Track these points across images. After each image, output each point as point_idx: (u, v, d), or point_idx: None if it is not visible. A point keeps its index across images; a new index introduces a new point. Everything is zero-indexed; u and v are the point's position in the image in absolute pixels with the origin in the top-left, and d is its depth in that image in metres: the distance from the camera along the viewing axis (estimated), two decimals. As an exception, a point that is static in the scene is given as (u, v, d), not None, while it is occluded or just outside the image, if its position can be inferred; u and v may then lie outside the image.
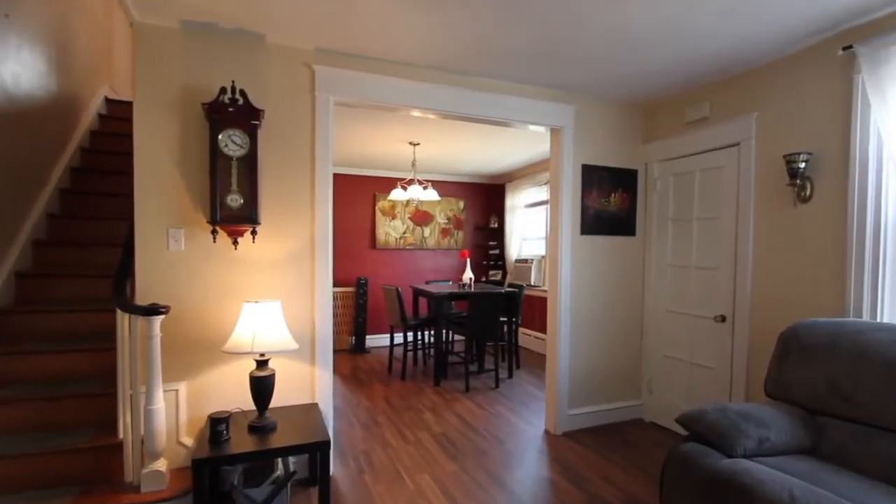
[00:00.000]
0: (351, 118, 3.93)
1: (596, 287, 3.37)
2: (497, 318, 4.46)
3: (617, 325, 3.46)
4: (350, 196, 6.29)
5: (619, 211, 3.42)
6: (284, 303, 2.46)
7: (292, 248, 2.48)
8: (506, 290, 4.72)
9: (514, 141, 4.71)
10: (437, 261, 6.79)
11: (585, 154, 3.31)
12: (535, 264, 6.08)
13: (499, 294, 4.40)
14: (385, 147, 4.94)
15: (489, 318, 4.42)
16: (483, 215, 7.10)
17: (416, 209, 6.60)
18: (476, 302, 4.33)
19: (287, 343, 2.12)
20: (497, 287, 5.25)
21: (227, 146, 2.27)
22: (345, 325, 6.25)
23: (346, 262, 6.29)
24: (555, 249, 3.29)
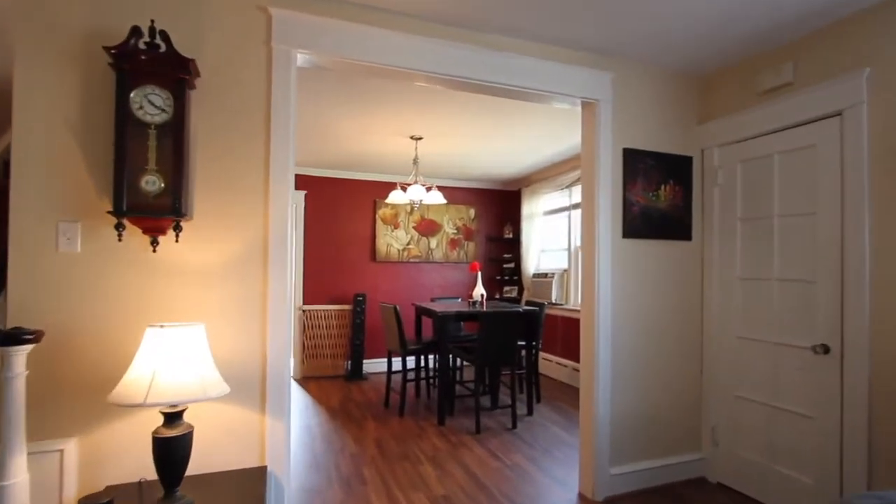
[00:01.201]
0: (339, 103, 3.30)
1: (642, 305, 2.63)
2: (513, 342, 3.72)
3: (670, 356, 2.70)
4: (346, 202, 5.66)
5: (670, 208, 2.70)
6: (221, 326, 1.77)
7: (236, 251, 1.81)
8: (523, 309, 3.98)
9: (533, 133, 4.03)
10: (444, 275, 6.08)
11: (627, 135, 2.61)
12: (557, 279, 5.34)
13: (515, 314, 3.66)
14: (383, 143, 4.30)
15: (504, 343, 3.68)
16: (496, 224, 6.40)
17: (421, 218, 5.94)
18: (488, 323, 3.60)
19: (210, 386, 1.42)
20: (513, 305, 4.51)
21: (141, 108, 1.63)
22: (339, 347, 5.55)
23: (342, 276, 5.62)
24: (590, 258, 2.57)
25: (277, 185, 1.85)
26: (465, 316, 3.92)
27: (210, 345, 1.73)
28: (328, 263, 5.55)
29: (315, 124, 3.77)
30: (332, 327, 5.52)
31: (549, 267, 5.73)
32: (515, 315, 3.66)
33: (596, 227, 2.52)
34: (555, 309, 5.32)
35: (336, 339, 5.53)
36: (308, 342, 5.42)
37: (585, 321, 2.60)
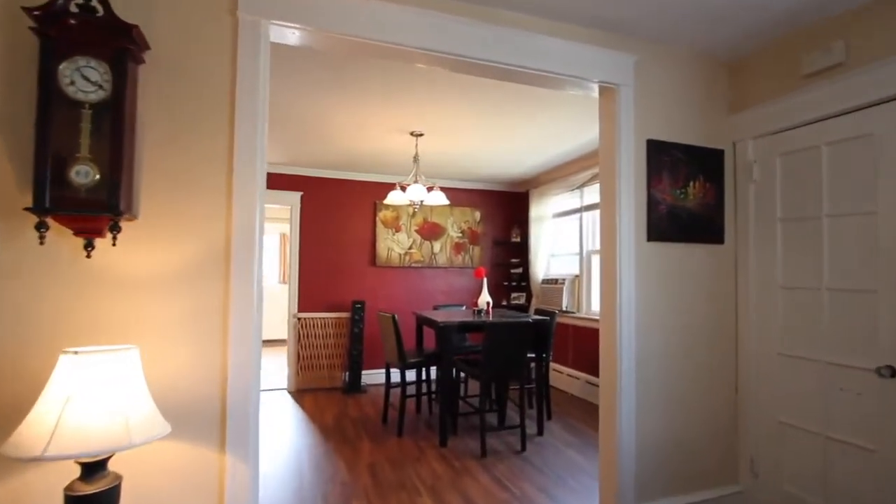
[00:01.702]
0: (332, 94, 3.03)
1: (670, 318, 2.31)
2: (522, 355, 3.40)
3: (702, 374, 2.37)
4: (345, 204, 5.38)
5: (699, 207, 2.38)
6: (170, 347, 1.47)
7: (191, 258, 1.52)
8: (533, 319, 3.66)
9: (542, 129, 3.73)
10: (448, 281, 5.78)
11: (650, 125, 2.30)
12: (568, 285, 5.02)
13: (524, 324, 3.35)
14: (382, 140, 4.02)
15: (511, 356, 3.36)
16: (503, 228, 6.10)
17: (423, 221, 5.65)
18: (494, 335, 3.29)
19: (139, 428, 1.13)
20: (521, 315, 4.19)
21: (73, 84, 1.35)
22: (337, 358, 5.25)
23: (340, 281, 5.34)
24: (610, 264, 2.26)
25: (243, 182, 1.57)
26: (470, 327, 3.61)
27: (153, 371, 1.43)
28: (325, 268, 5.27)
29: (306, 119, 3.50)
30: (329, 336, 5.23)
31: (560, 272, 5.41)
32: (524, 325, 3.34)
33: (617, 229, 2.21)
34: (566, 317, 5.00)
35: (333, 348, 5.24)
36: (303, 352, 5.14)
37: (605, 335, 2.28)
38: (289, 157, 4.67)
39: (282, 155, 4.59)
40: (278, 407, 4.45)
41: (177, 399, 1.46)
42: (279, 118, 3.45)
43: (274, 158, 4.75)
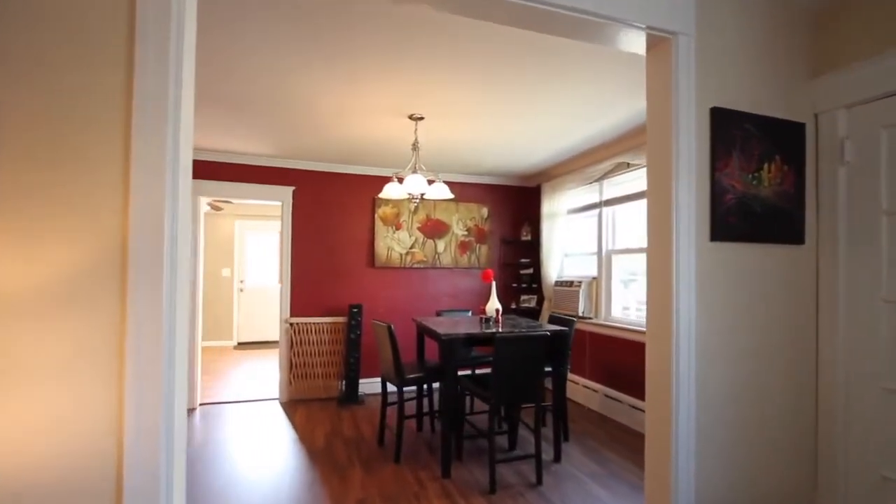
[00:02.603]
0: (316, 68, 2.53)
1: (738, 339, 1.79)
2: (538, 374, 2.90)
3: (780, 414, 1.85)
4: (341, 200, 4.90)
5: (776, 196, 1.86)
6: (21, 398, 0.99)
7: (64, 266, 1.03)
8: (551, 331, 3.16)
9: (558, 111, 3.21)
10: (453, 283, 5.28)
11: (716, 89, 1.78)
12: (584, 288, 4.50)
13: (541, 339, 2.84)
14: (377, 125, 3.53)
15: (526, 376, 2.86)
16: (512, 225, 5.58)
17: (426, 218, 5.15)
18: (505, 351, 2.79)
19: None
20: (533, 322, 3.69)
21: None
22: (332, 366, 4.78)
23: (336, 284, 4.86)
24: (662, 271, 1.75)
25: (146, 153, 1.07)
26: (477, 339, 3.11)
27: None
28: (320, 269, 4.80)
29: (293, 104, 3.01)
30: (324, 343, 4.76)
31: (575, 274, 4.89)
32: (541, 339, 2.84)
33: (672, 225, 1.70)
34: (582, 323, 4.49)
35: (328, 356, 4.77)
36: (296, 360, 4.67)
37: (655, 361, 1.78)
38: (278, 148, 4.20)
39: (270, 146, 4.11)
40: (266, 422, 3.99)
41: (26, 479, 0.97)
42: (263, 104, 2.97)
43: (262, 150, 4.28)
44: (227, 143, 4.12)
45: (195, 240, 4.43)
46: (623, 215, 4.23)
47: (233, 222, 7.59)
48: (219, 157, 4.45)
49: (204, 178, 4.43)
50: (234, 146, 4.20)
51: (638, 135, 3.69)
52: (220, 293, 7.50)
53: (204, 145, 4.18)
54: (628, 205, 4.08)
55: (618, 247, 4.29)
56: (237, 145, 4.17)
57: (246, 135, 3.83)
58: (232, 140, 4.00)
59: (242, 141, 4.02)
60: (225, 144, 4.15)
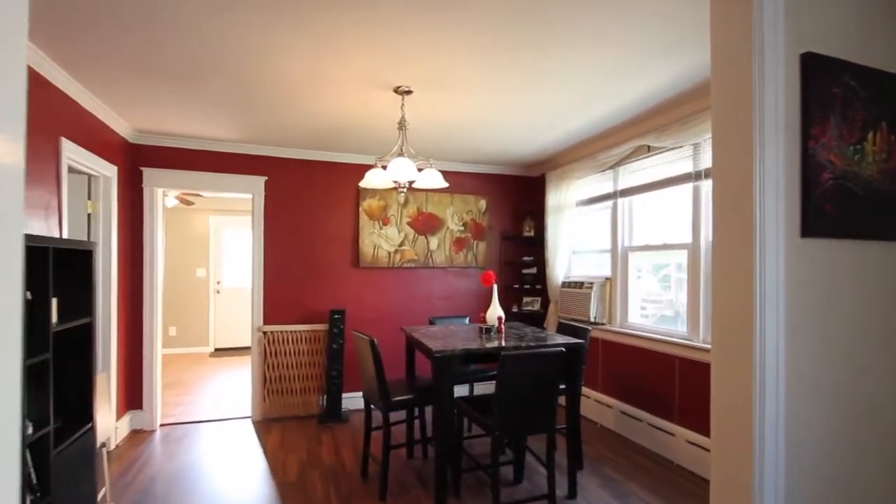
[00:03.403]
0: (284, 26, 2.00)
1: (839, 372, 1.30)
2: (551, 398, 2.41)
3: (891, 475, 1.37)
4: (320, 191, 4.37)
5: (883, 176, 1.37)
6: None
7: None
8: (566, 344, 2.67)
9: (572, 77, 2.70)
10: (448, 284, 4.78)
11: (810, 29, 1.28)
12: (597, 290, 4.02)
13: (556, 356, 2.35)
14: (360, 101, 3.00)
15: (537, 400, 2.37)
16: (513, 219, 5.09)
17: (418, 212, 4.64)
18: (513, 371, 2.29)
19: None
20: (541, 333, 3.19)
21: None
22: (312, 379, 4.27)
23: (316, 286, 4.34)
24: (738, 275, 1.25)
25: None
26: (477, 355, 2.62)
27: None
28: (297, 270, 4.28)
29: (250, 70, 2.48)
30: (303, 353, 4.25)
31: (584, 274, 4.41)
32: (556, 358, 2.34)
33: (755, 217, 1.20)
34: (595, 330, 4.00)
35: (307, 368, 4.26)
36: (270, 373, 4.15)
37: (728, 393, 1.28)
38: (245, 131, 3.65)
39: (236, 129, 3.57)
40: (233, 447, 3.47)
41: None
42: (221, 75, 2.44)
43: (227, 134, 3.74)
44: (184, 126, 3.57)
45: (152, 236, 3.89)
46: (642, 207, 3.74)
47: (207, 218, 7.03)
48: (175, 143, 3.91)
49: (158, 166, 3.89)
50: (192, 129, 3.65)
51: (665, 111, 3.19)
52: (194, 295, 6.95)
53: (154, 127, 3.63)
54: (649, 195, 3.59)
55: (635, 243, 3.80)
56: (196, 128, 3.62)
57: (204, 115, 3.29)
58: (188, 121, 3.46)
59: (201, 122, 3.48)
60: (181, 127, 3.60)
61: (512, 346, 2.60)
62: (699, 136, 2.97)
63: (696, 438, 3.02)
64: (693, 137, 3.02)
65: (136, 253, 3.83)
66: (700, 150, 3.10)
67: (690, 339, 3.15)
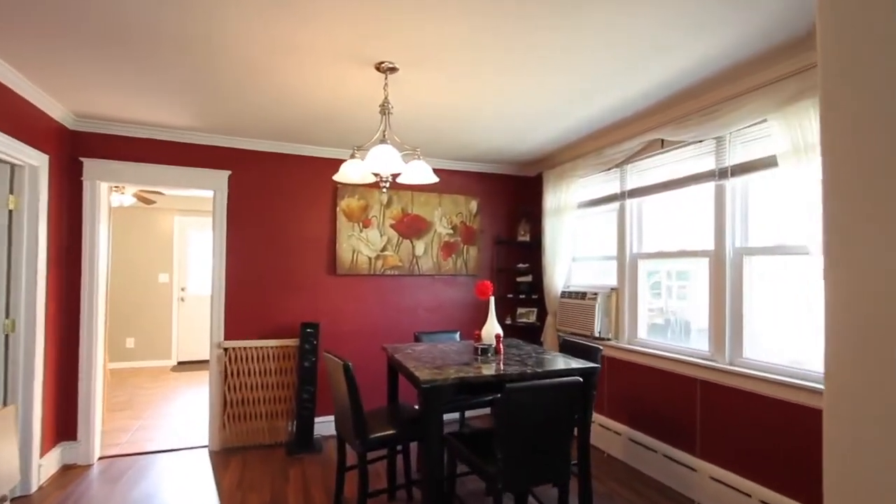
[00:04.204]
0: None
1: None
2: (565, 441, 1.97)
3: None
4: (292, 188, 3.88)
5: None
6: None
7: None
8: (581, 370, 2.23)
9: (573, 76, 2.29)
10: (435, 294, 4.32)
11: None
12: (602, 302, 3.61)
13: (572, 387, 1.91)
14: (336, 80, 2.54)
15: (549, 443, 1.92)
16: (507, 222, 4.67)
17: (402, 213, 4.18)
18: (520, 407, 1.84)
19: None
20: (546, 353, 2.75)
21: None
22: (280, 402, 3.75)
23: (285, 297, 3.84)
24: (883, 282, 0.82)
25: None
26: (474, 385, 2.16)
27: None
28: (264, 278, 3.77)
29: (203, 38, 2.00)
30: (270, 373, 3.73)
31: (586, 283, 4.01)
32: (571, 389, 1.91)
33: (936, 205, 0.78)
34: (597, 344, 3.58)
35: (275, 389, 3.74)
36: (232, 396, 3.62)
37: (851, 448, 0.85)
38: (205, 117, 3.15)
39: (193, 114, 3.07)
40: (181, 485, 2.93)
41: None
42: (168, 45, 1.96)
43: (183, 120, 3.23)
44: (132, 111, 3.05)
45: (93, 235, 3.34)
46: (653, 209, 3.35)
47: (171, 218, 6.44)
48: (124, 130, 3.37)
49: (103, 156, 3.35)
50: (141, 114, 3.13)
51: (683, 101, 2.81)
52: (155, 303, 6.34)
53: (97, 112, 3.10)
54: (662, 196, 3.21)
55: (644, 250, 3.41)
56: (146, 113, 3.11)
57: (152, 96, 2.78)
58: (135, 105, 2.94)
59: (150, 106, 2.96)
60: (129, 112, 3.08)
61: (515, 373, 2.15)
62: (725, 128, 2.60)
63: (722, 475, 2.62)
64: (717, 130, 2.64)
65: (74, 254, 3.27)
66: (724, 144, 2.72)
67: (714, 359, 2.75)
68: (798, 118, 2.20)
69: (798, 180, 2.20)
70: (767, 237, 2.57)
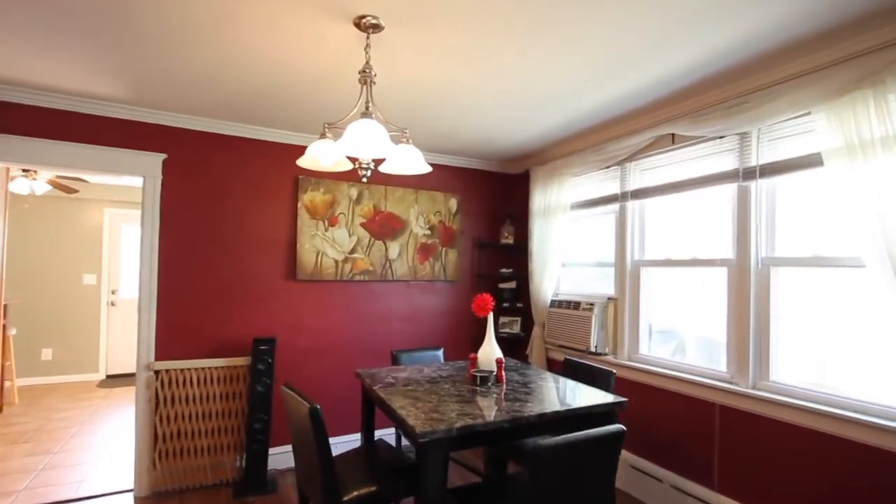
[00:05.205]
0: None
1: None
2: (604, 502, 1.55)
3: None
4: (243, 179, 3.28)
5: None
6: None
7: None
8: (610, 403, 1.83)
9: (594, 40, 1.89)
10: (411, 302, 3.84)
11: None
12: (598, 313, 3.26)
13: (614, 438, 1.50)
14: (303, 39, 2.01)
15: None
16: (489, 223, 4.25)
17: (374, 210, 3.67)
18: (548, 468, 1.41)
19: None
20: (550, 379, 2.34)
21: None
22: (226, 433, 3.15)
23: (233, 307, 3.23)
24: None
25: None
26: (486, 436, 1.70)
27: None
28: (207, 284, 3.15)
29: None
30: (214, 399, 3.12)
31: (578, 291, 3.66)
32: (613, 440, 1.49)
33: None
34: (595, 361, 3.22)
35: (220, 418, 3.13)
36: (165, 428, 2.99)
37: None
38: (135, 88, 2.51)
39: (122, 83, 2.42)
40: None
41: None
42: None
43: (109, 90, 2.57)
44: (29, 69, 2.37)
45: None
46: (658, 212, 3.03)
47: (101, 211, 5.58)
48: (25, 97, 2.67)
49: None
50: (50, 78, 2.46)
51: (703, 92, 2.48)
52: (80, 308, 5.46)
53: (-12, 72, 2.40)
54: (670, 197, 2.88)
55: (646, 257, 3.09)
56: (56, 77, 2.43)
57: (60, 50, 2.14)
58: (34, 62, 2.27)
59: (61, 67, 2.30)
60: (26, 71, 2.40)
61: (533, 415, 1.72)
62: (754, 122, 2.28)
63: (745, 514, 2.31)
64: (745, 124, 2.33)
65: (-49, 257, 2.54)
66: (750, 140, 2.41)
67: (735, 381, 2.45)
68: (852, 111, 1.90)
69: (851, 182, 1.90)
70: (797, 246, 2.28)
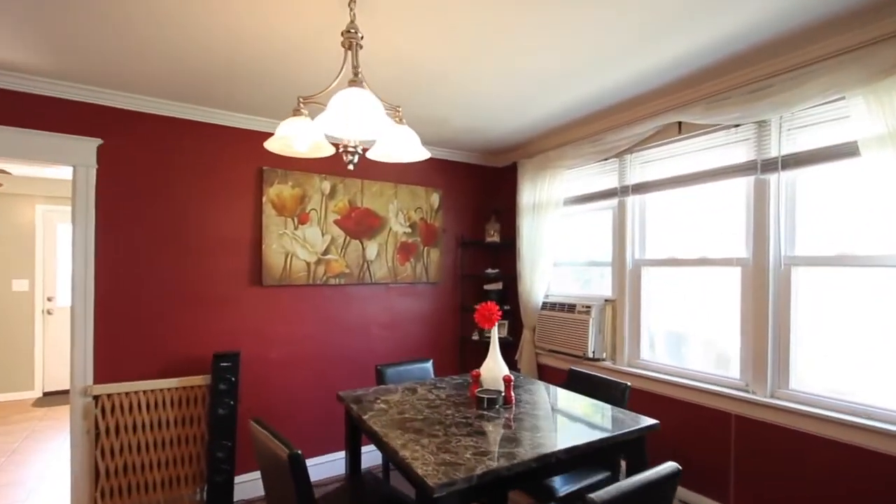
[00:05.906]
0: None
1: None
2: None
3: None
4: (198, 171, 2.85)
5: None
6: None
7: None
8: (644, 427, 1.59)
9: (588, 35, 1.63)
10: (391, 307, 3.51)
11: None
12: (595, 316, 3.04)
13: (671, 480, 1.24)
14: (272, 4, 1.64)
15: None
16: (473, 219, 3.97)
17: (349, 206, 3.31)
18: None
19: None
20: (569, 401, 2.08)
21: None
22: (184, 463, 2.73)
23: (191, 317, 2.81)
24: None
25: None
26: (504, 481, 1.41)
27: None
28: (156, 292, 2.71)
29: None
30: (167, 425, 2.69)
31: (570, 293, 3.43)
32: (667, 484, 1.24)
33: None
34: (593, 368, 3.01)
35: (175, 447, 2.71)
36: (108, 463, 2.54)
37: None
38: (60, 57, 2.06)
39: (41, 51, 1.97)
40: None
41: None
42: None
43: (22, 58, 2.10)
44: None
45: None
46: (660, 207, 2.82)
47: (32, 207, 4.92)
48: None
49: None
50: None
51: (720, 75, 2.27)
52: (9, 317, 4.81)
53: None
54: (676, 191, 2.68)
55: (648, 256, 2.88)
56: (-51, 40, 1.95)
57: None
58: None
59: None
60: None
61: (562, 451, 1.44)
62: (778, 108, 2.09)
63: (766, 533, 2.14)
64: (766, 111, 2.13)
65: None
66: (769, 129, 2.23)
67: (751, 390, 2.27)
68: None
69: (893, 172, 1.73)
70: (819, 244, 2.11)
